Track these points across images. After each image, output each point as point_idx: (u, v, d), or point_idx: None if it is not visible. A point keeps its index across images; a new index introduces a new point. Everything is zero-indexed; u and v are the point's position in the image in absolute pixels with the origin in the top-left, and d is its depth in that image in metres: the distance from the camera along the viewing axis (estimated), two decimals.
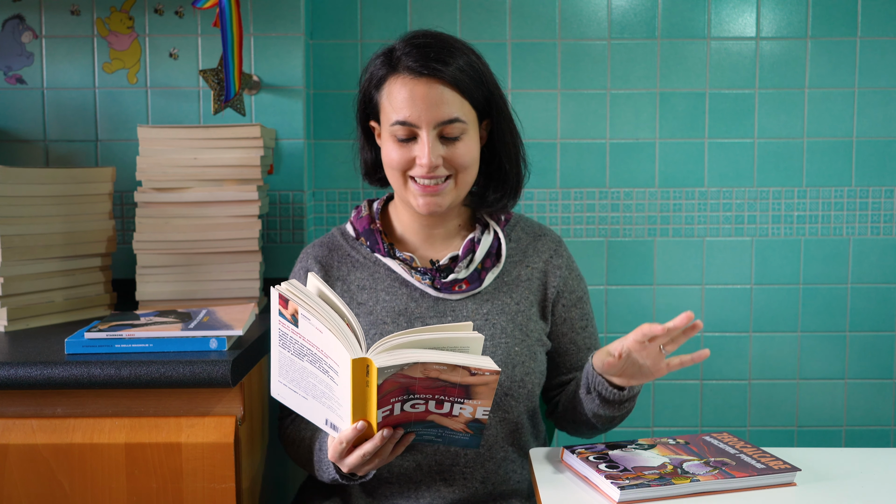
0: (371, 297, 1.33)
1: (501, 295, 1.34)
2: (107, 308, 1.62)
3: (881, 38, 2.05)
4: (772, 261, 2.10)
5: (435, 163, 1.25)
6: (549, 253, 1.40)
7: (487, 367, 1.06)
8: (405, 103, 1.25)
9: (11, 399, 1.26)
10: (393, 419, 1.09)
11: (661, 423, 2.13)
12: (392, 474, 1.30)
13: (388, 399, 1.07)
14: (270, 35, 1.85)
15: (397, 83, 1.26)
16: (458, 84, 1.25)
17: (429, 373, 1.05)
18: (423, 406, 1.09)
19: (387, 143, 1.30)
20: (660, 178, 2.08)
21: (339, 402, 1.09)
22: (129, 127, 1.84)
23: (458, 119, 1.25)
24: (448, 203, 1.29)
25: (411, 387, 1.07)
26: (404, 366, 1.04)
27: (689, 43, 2.05)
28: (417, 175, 1.27)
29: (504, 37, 2.04)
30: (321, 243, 1.41)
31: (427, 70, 1.24)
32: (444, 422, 1.11)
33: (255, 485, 1.39)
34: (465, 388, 1.07)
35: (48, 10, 1.83)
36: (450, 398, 1.08)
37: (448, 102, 1.25)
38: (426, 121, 1.24)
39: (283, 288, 1.12)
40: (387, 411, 1.08)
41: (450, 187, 1.28)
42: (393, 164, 1.28)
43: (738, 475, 1.10)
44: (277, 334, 1.15)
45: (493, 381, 1.06)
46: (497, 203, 1.36)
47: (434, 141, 1.25)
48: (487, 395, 1.08)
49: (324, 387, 1.11)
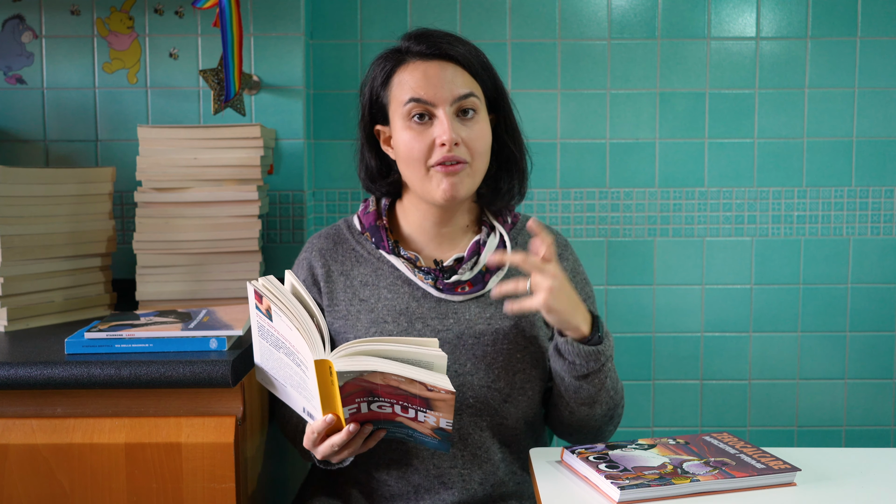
0: (373, 294, 1.33)
1: (505, 298, 1.33)
2: (107, 308, 1.62)
3: (881, 38, 2.05)
4: (772, 261, 2.10)
5: (455, 138, 1.24)
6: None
7: (443, 387, 1.08)
8: (419, 82, 1.25)
9: (11, 399, 1.26)
10: (361, 416, 1.13)
11: (661, 423, 2.13)
12: (391, 477, 1.30)
13: (353, 398, 1.10)
14: (270, 35, 1.85)
15: (408, 69, 1.27)
16: (469, 65, 1.27)
17: (389, 381, 1.09)
18: (389, 409, 1.13)
19: (402, 133, 1.27)
20: (660, 178, 2.08)
21: (311, 394, 1.13)
22: (129, 127, 1.84)
23: (472, 94, 1.26)
24: (466, 190, 1.28)
25: (374, 390, 1.10)
26: (363, 372, 1.07)
27: (689, 43, 2.05)
28: (438, 158, 1.25)
29: (504, 37, 2.04)
30: (327, 235, 1.41)
31: (438, 51, 1.26)
32: (412, 425, 1.15)
33: (255, 485, 1.39)
34: (425, 399, 1.10)
35: (48, 10, 1.83)
36: (413, 406, 1.11)
37: (462, 80, 1.26)
38: (442, 98, 1.25)
39: (259, 284, 1.16)
40: (353, 409, 1.12)
41: (467, 172, 1.27)
42: (412, 153, 1.26)
43: (738, 475, 1.10)
44: (256, 325, 1.20)
45: (450, 399, 1.09)
46: (509, 193, 1.36)
47: (452, 118, 1.25)
48: (447, 410, 1.11)
49: (298, 378, 1.15)
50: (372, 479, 1.32)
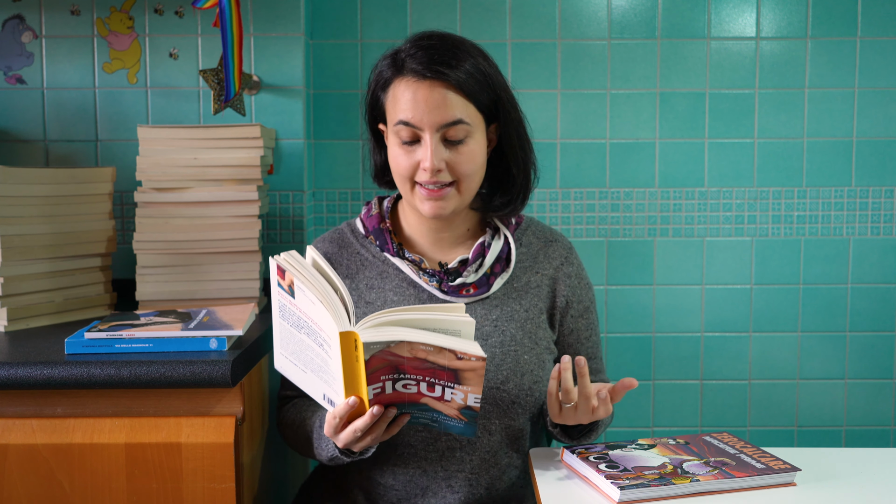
0: (379, 297, 1.33)
1: (510, 301, 1.33)
2: (107, 308, 1.62)
3: (881, 38, 2.05)
4: (772, 261, 2.10)
5: (437, 166, 1.24)
6: (559, 260, 1.39)
7: (474, 353, 1.04)
8: (408, 105, 1.24)
9: (11, 399, 1.26)
10: (385, 398, 1.09)
11: (661, 423, 2.13)
12: (397, 480, 1.29)
13: (378, 376, 1.06)
14: (270, 35, 1.85)
15: (401, 85, 1.26)
16: (462, 87, 1.24)
17: (416, 353, 1.04)
18: (415, 387, 1.09)
19: (392, 147, 1.29)
20: (660, 178, 2.08)
21: (333, 377, 1.09)
22: (129, 127, 1.84)
23: (461, 121, 1.24)
24: (452, 208, 1.28)
25: (400, 366, 1.06)
26: (390, 343, 1.03)
27: (689, 43, 2.05)
28: (421, 180, 1.26)
29: (504, 37, 2.04)
30: (331, 239, 1.41)
31: (430, 73, 1.23)
32: (438, 406, 1.11)
33: (255, 485, 1.39)
34: (453, 371, 1.06)
35: (48, 10, 1.83)
36: (440, 381, 1.07)
37: (451, 105, 1.23)
38: (428, 123, 1.23)
39: (281, 258, 1.13)
40: (378, 388, 1.08)
41: (453, 193, 1.27)
42: (399, 169, 1.28)
43: (738, 475, 1.10)
44: (277, 305, 1.16)
45: (480, 368, 1.05)
46: (504, 208, 1.35)
47: (437, 144, 1.24)
48: (476, 381, 1.06)
49: (320, 360, 1.11)
50: (377, 485, 1.31)
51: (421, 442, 1.27)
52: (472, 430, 1.13)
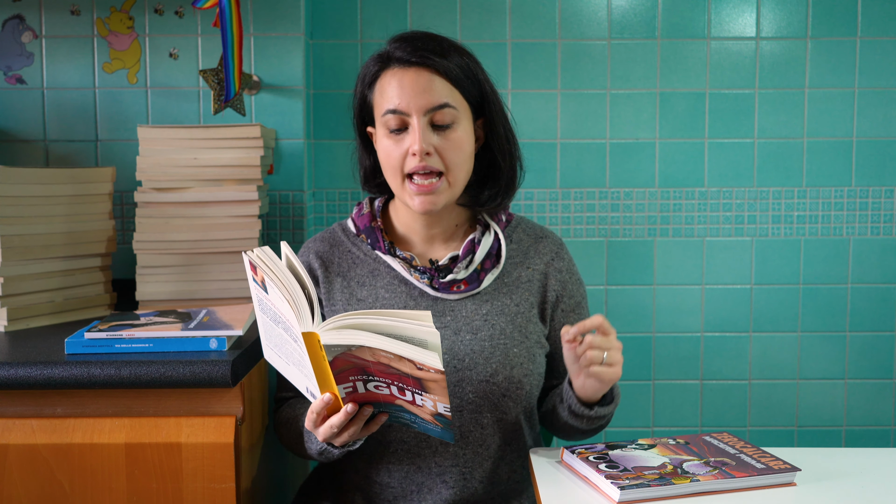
0: (370, 294, 1.33)
1: (501, 296, 1.34)
2: (107, 308, 1.62)
3: (881, 38, 2.05)
4: (772, 261, 2.10)
5: (426, 149, 1.24)
6: (550, 255, 1.40)
7: (431, 365, 1.01)
8: (395, 91, 1.25)
9: (11, 399, 1.26)
10: (359, 397, 1.10)
11: (661, 423, 2.13)
12: (393, 478, 1.30)
13: (347, 376, 1.06)
14: (270, 35, 1.85)
15: (387, 76, 1.27)
16: (448, 73, 1.26)
17: (379, 358, 1.03)
18: (386, 389, 1.08)
19: (382, 140, 1.29)
20: (660, 178, 2.08)
21: (308, 371, 1.09)
22: (129, 127, 1.84)
23: (447, 104, 1.25)
24: (443, 202, 1.29)
25: (367, 368, 1.05)
26: (351, 347, 1.02)
27: (689, 43, 2.05)
28: (411, 169, 1.26)
29: (504, 37, 2.04)
30: (322, 238, 1.41)
31: (416, 58, 1.25)
32: (413, 409, 1.10)
33: (255, 485, 1.39)
34: (417, 380, 1.04)
35: (48, 10, 1.83)
36: (408, 387, 1.06)
37: (437, 89, 1.25)
38: (415, 107, 1.24)
39: (254, 254, 1.12)
40: (349, 388, 1.08)
41: (444, 186, 1.28)
42: (389, 161, 1.28)
43: (738, 475, 1.10)
44: (256, 299, 1.16)
45: (441, 380, 1.02)
46: (491, 201, 1.36)
47: (425, 127, 1.25)
48: (440, 392, 1.04)
49: (297, 355, 1.11)
50: (374, 484, 1.31)
51: (414, 438, 1.28)
52: (450, 435, 1.13)
